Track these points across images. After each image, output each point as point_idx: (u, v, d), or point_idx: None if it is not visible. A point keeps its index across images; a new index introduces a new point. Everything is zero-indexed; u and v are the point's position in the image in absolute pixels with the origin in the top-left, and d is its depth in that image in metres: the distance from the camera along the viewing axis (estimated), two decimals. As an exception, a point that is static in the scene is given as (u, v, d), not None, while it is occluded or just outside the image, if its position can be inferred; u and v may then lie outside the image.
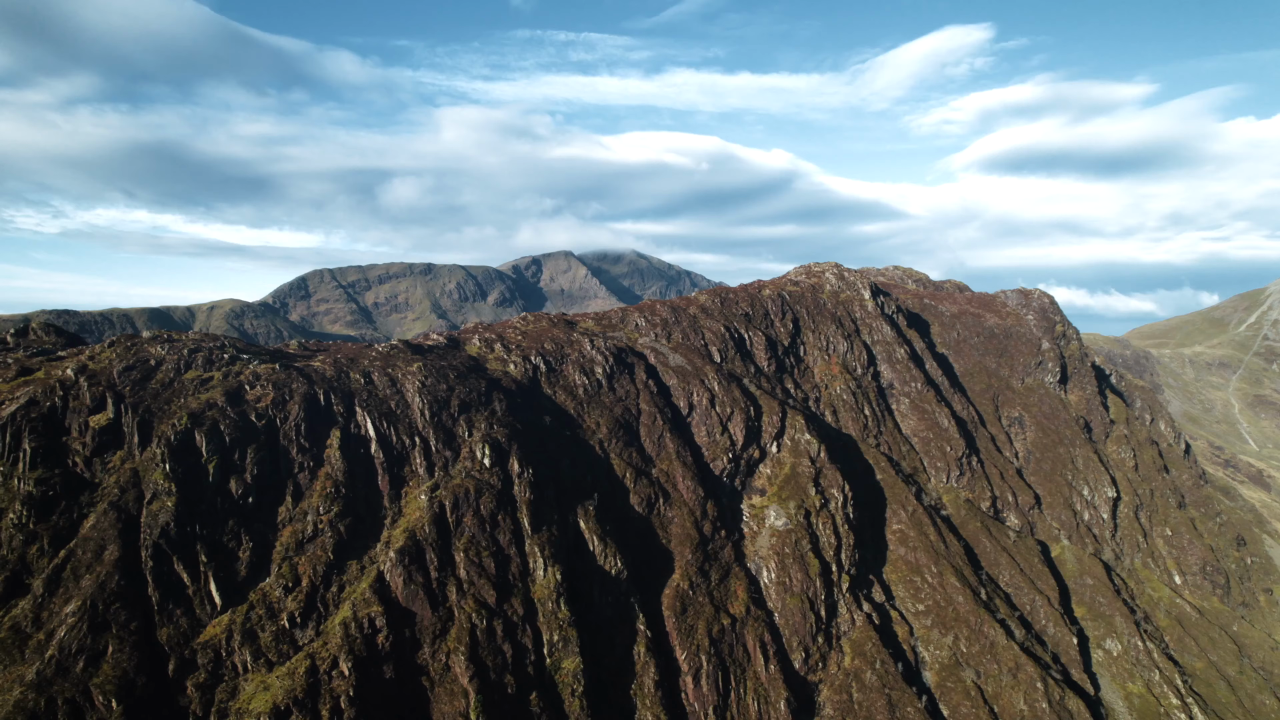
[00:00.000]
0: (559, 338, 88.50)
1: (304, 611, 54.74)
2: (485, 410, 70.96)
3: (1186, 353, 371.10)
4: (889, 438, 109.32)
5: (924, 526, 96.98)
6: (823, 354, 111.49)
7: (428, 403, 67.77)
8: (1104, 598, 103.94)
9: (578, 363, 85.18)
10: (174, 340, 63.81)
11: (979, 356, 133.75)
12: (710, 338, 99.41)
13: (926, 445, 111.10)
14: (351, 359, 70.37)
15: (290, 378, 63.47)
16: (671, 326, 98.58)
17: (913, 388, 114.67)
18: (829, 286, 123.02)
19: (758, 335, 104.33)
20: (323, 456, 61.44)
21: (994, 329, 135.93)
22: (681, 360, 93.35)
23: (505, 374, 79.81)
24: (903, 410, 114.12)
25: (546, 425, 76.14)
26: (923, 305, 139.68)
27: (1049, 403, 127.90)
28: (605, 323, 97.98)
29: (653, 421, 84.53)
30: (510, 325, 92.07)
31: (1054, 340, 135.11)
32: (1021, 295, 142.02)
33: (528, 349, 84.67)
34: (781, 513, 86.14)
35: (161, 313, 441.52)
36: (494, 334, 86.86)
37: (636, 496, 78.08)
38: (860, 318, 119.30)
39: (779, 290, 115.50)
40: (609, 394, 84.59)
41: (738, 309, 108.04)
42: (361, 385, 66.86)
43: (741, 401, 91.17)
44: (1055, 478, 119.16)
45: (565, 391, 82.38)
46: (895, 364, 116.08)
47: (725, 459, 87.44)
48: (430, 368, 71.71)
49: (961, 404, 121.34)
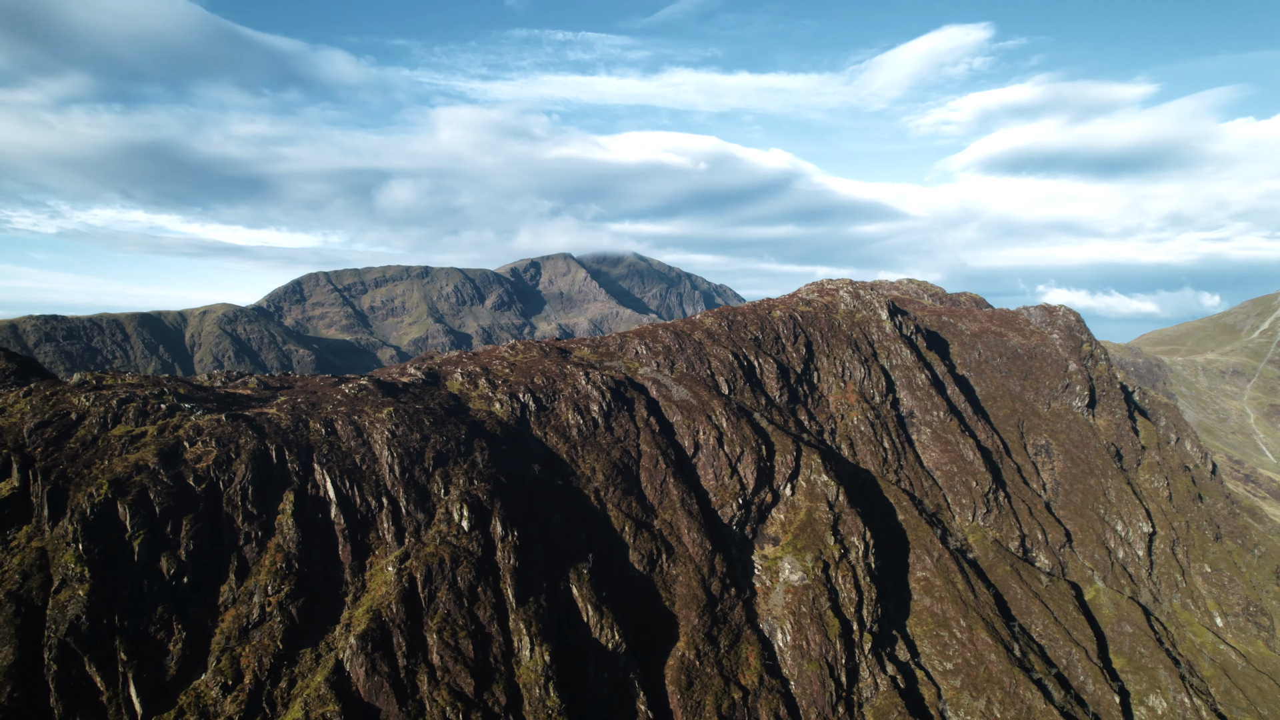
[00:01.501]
0: (550, 370, 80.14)
1: (245, 715, 46.38)
2: (465, 462, 62.58)
3: (1199, 360, 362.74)
4: (910, 472, 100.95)
5: (951, 574, 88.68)
6: (838, 380, 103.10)
7: (398, 456, 59.39)
8: (1145, 647, 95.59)
9: (571, 399, 76.81)
10: (102, 388, 55.40)
11: (1002, 379, 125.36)
12: (717, 366, 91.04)
13: (950, 480, 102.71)
14: (313, 404, 61.98)
15: (238, 431, 55.08)
16: (675, 354, 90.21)
17: (935, 416, 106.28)
18: (843, 306, 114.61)
19: (768, 362, 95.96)
20: (274, 524, 53.08)
21: (1017, 349, 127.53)
22: (686, 393, 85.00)
23: (490, 415, 71.41)
24: (924, 441, 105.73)
25: (535, 475, 67.76)
26: (941, 323, 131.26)
27: (1078, 429, 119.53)
28: (602, 350, 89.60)
29: (655, 465, 76.17)
30: (497, 355, 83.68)
31: (1081, 361, 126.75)
32: (1045, 312, 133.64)
33: (515, 384, 76.29)
34: (797, 565, 77.79)
35: (152, 318, 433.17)
36: (478, 366, 78.49)
37: (637, 553, 69.72)
38: (877, 340, 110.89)
39: (790, 311, 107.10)
40: (606, 435, 76.22)
41: (746, 333, 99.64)
42: (322, 437, 58.48)
43: (752, 439, 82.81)
44: (1086, 512, 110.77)
45: (557, 433, 74.00)
46: (915, 390, 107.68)
47: (735, 505, 79.10)
48: (403, 413, 63.33)
49: (985, 432, 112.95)
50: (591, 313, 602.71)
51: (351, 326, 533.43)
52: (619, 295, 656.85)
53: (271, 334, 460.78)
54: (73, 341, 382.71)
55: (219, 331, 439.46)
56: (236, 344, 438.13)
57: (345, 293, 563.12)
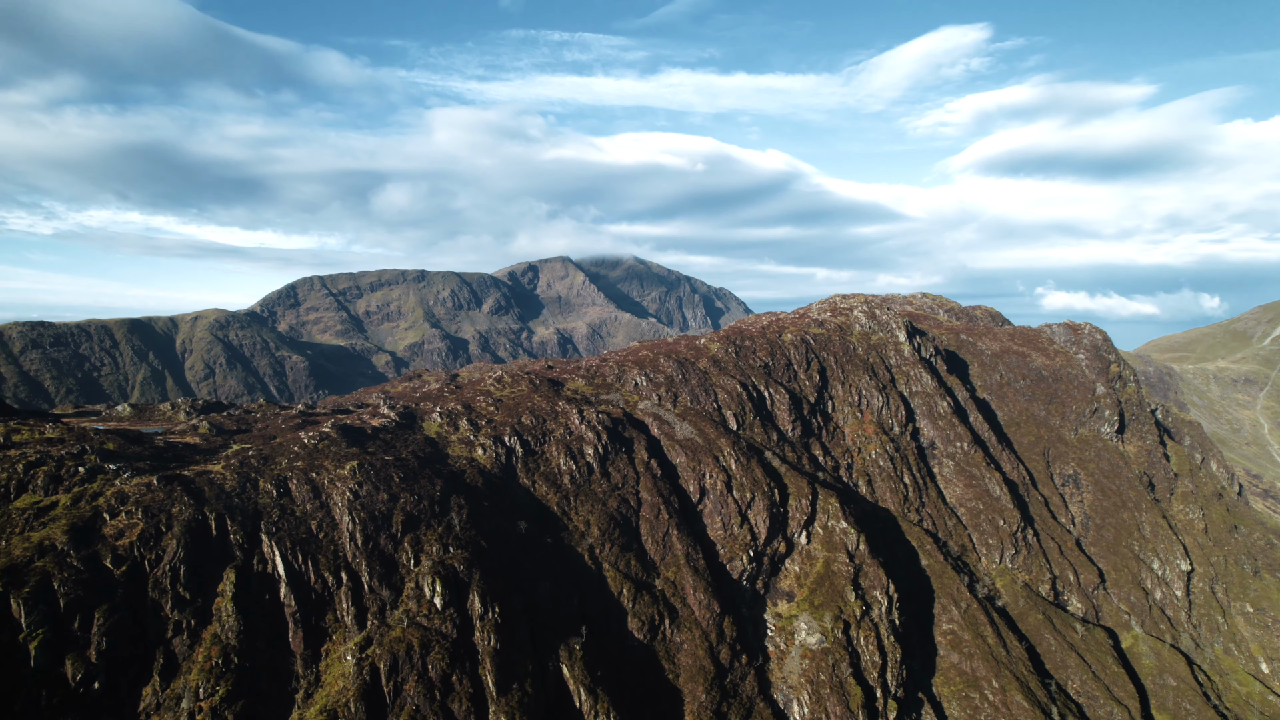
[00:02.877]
0: (540, 408, 72.22)
1: None
2: (439, 524, 54.67)
3: (1209, 369, 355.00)
4: (932, 510, 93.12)
5: (980, 626, 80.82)
6: (854, 410, 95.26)
7: (361, 522, 51.47)
8: (1190, 703, 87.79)
9: (563, 442, 68.89)
10: (10, 446, 47.43)
11: (1025, 403, 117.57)
12: (724, 399, 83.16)
13: (975, 518, 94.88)
14: (266, 458, 54.03)
15: (171, 497, 47.16)
16: (678, 385, 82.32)
17: (958, 448, 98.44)
18: (858, 327, 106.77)
19: (779, 392, 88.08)
20: (210, 610, 45.14)
21: (1041, 370, 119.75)
22: (690, 430, 77.12)
23: (471, 463, 63.49)
24: (946, 475, 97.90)
25: (521, 534, 59.85)
26: (959, 342, 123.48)
27: (1108, 457, 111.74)
28: (598, 381, 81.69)
29: (656, 515, 68.27)
30: (481, 389, 75.74)
31: (1109, 383, 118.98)
32: (1070, 331, 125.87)
33: (500, 425, 68.37)
34: (815, 626, 69.90)
35: (142, 324, 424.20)
36: (459, 404, 70.55)
37: (636, 619, 61.82)
38: (895, 364, 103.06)
39: (802, 333, 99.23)
40: (602, 482, 68.32)
41: (755, 359, 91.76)
42: (273, 500, 50.56)
43: (764, 482, 74.95)
44: (1120, 549, 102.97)
45: (547, 481, 66.09)
46: (937, 419, 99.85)
47: (745, 557, 71.22)
48: (369, 467, 55.42)
49: (1010, 463, 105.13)
50: (590, 317, 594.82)
51: (346, 331, 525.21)
52: (618, 299, 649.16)
53: (264, 340, 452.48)
54: (60, 349, 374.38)
55: (210, 338, 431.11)
56: (228, 350, 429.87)
57: (340, 297, 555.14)
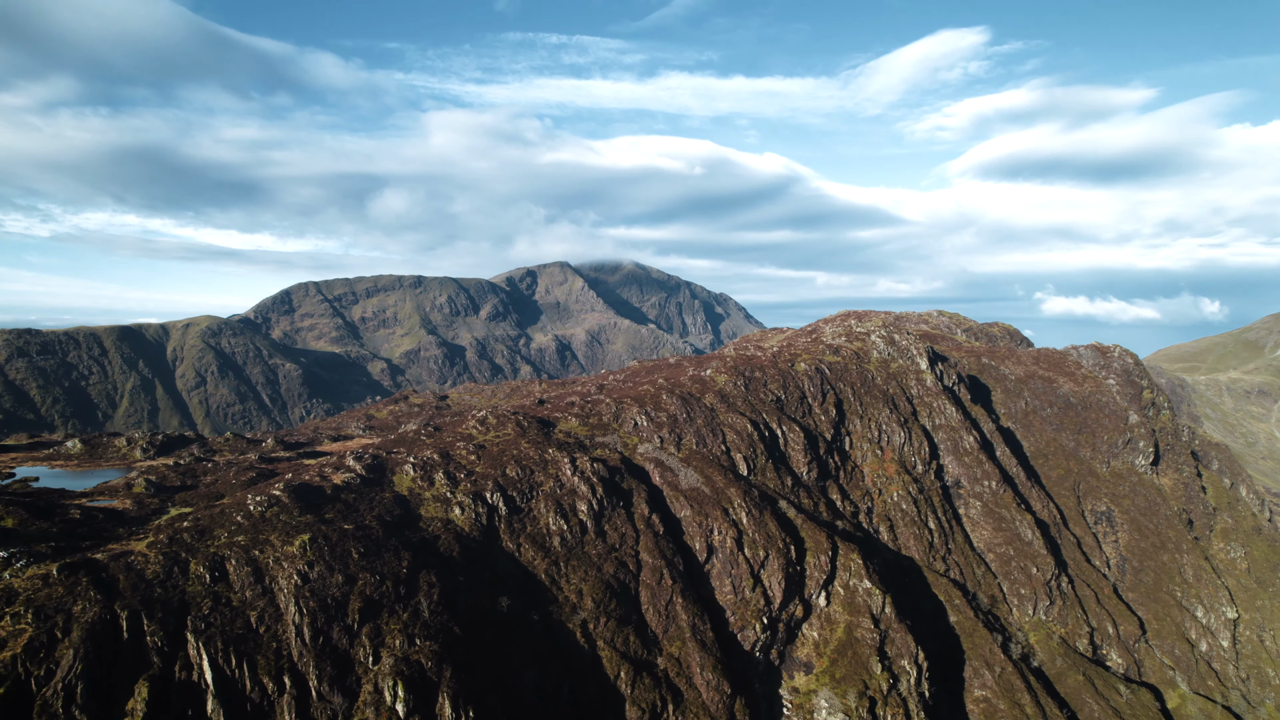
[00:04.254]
0: (528, 456, 64.19)
1: None
2: (405, 609, 46.65)
3: (1222, 379, 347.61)
4: (959, 556, 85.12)
5: (1016, 692, 72.76)
6: (874, 447, 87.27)
7: (311, 611, 43.45)
8: (1245, 774, 79.84)
9: (553, 497, 60.87)
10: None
11: (1053, 432, 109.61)
12: (733, 439, 75.17)
13: (1006, 565, 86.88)
14: (201, 531, 45.99)
15: (74, 592, 39.14)
16: (682, 425, 74.32)
17: (985, 487, 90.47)
18: (876, 354, 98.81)
19: (793, 430, 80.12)
20: (117, 734, 37.10)
21: (1069, 397, 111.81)
22: (696, 478, 69.12)
23: (446, 526, 55.47)
24: (973, 517, 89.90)
25: (503, 612, 51.84)
26: (981, 366, 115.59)
27: (1144, 493, 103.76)
28: (594, 421, 73.65)
29: (658, 580, 60.25)
30: (462, 433, 67.71)
31: (1142, 411, 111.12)
32: (1098, 354, 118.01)
33: (482, 478, 60.34)
34: (836, 705, 61.85)
35: (132, 331, 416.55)
36: (437, 452, 62.50)
37: (636, 708, 53.76)
38: (917, 395, 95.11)
39: (816, 361, 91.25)
40: (597, 543, 60.29)
41: (766, 392, 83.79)
42: (205, 587, 42.53)
43: (778, 537, 66.95)
44: (1160, 595, 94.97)
45: (534, 544, 58.06)
46: (963, 455, 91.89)
47: (758, 625, 63.18)
48: (324, 541, 47.39)
49: (1040, 501, 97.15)
50: (589, 323, 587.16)
51: (341, 338, 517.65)
52: (617, 305, 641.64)
53: (257, 347, 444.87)
54: (47, 356, 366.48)
55: (202, 345, 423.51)
56: (220, 358, 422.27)
57: (335, 303, 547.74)
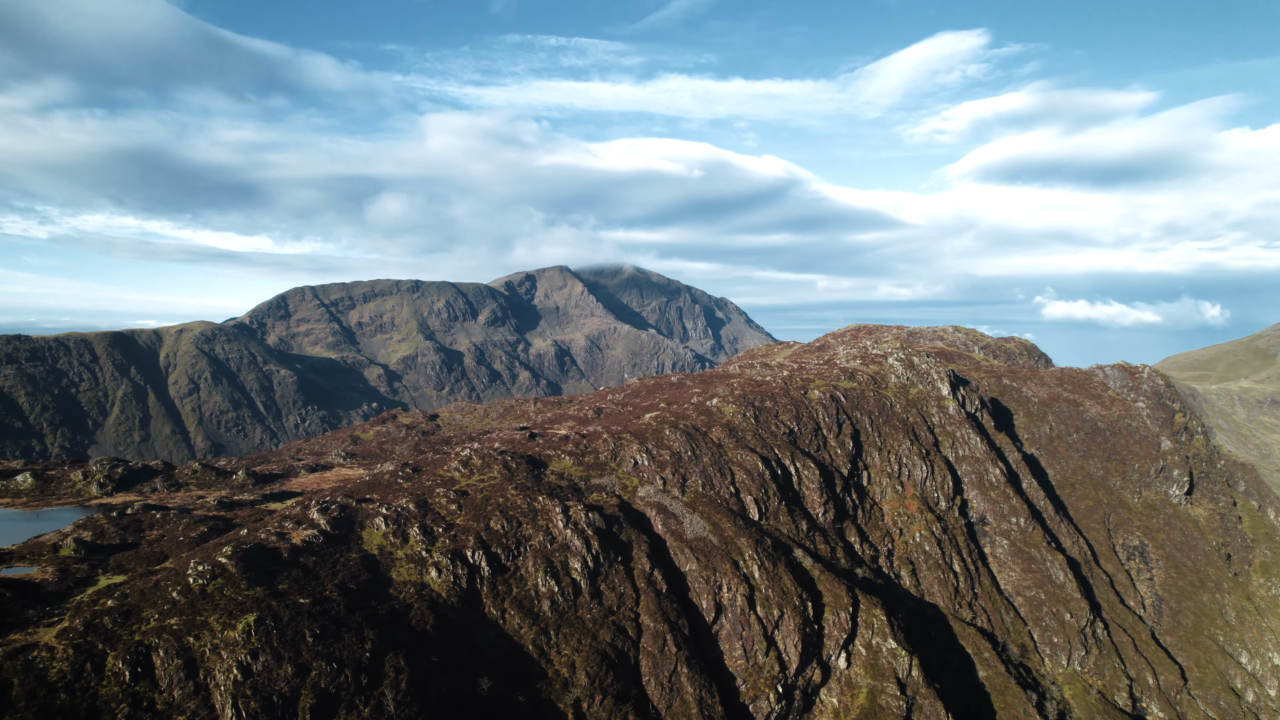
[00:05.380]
0: (515, 505, 57.56)
1: None
2: (368, 701, 40.00)
3: (1233, 389, 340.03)
4: (986, 601, 78.47)
5: (1055, 759, 66.11)
6: (894, 482, 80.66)
7: (251, 713, 36.79)
8: (1301, 843, 73.12)
9: (543, 553, 54.24)
10: None
11: (1080, 460, 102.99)
12: (743, 479, 68.52)
13: (1037, 610, 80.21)
14: (127, 612, 39.35)
15: (-39, 704, 32.46)
16: (687, 464, 67.67)
17: (1013, 524, 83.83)
18: (894, 378, 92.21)
19: (808, 467, 73.49)
20: None
21: (1097, 422, 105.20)
22: (703, 525, 62.50)
23: (421, 591, 48.83)
24: (1000, 556, 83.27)
25: (484, 696, 45.19)
26: (1002, 388, 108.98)
27: (1179, 526, 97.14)
28: (589, 459, 66.99)
29: (660, 647, 53.61)
30: (442, 476, 61.04)
31: (1174, 436, 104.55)
32: (1125, 374, 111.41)
33: (463, 534, 53.71)
34: (862, 786, 55.21)
35: (124, 337, 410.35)
36: (412, 501, 55.83)
37: (635, 803, 47.12)
38: (939, 423, 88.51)
39: (831, 387, 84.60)
40: (592, 605, 53.66)
41: (778, 424, 77.14)
42: (122, 689, 35.89)
43: (794, 593, 60.32)
44: (1201, 640, 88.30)
45: (521, 610, 51.42)
46: (988, 489, 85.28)
47: (771, 695, 56.52)
48: (275, 620, 40.75)
49: (1070, 536, 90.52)
50: (588, 328, 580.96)
51: (338, 344, 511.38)
52: (616, 309, 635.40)
53: (252, 353, 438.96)
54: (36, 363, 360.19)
55: (195, 351, 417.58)
56: (214, 365, 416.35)
57: (332, 308, 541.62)
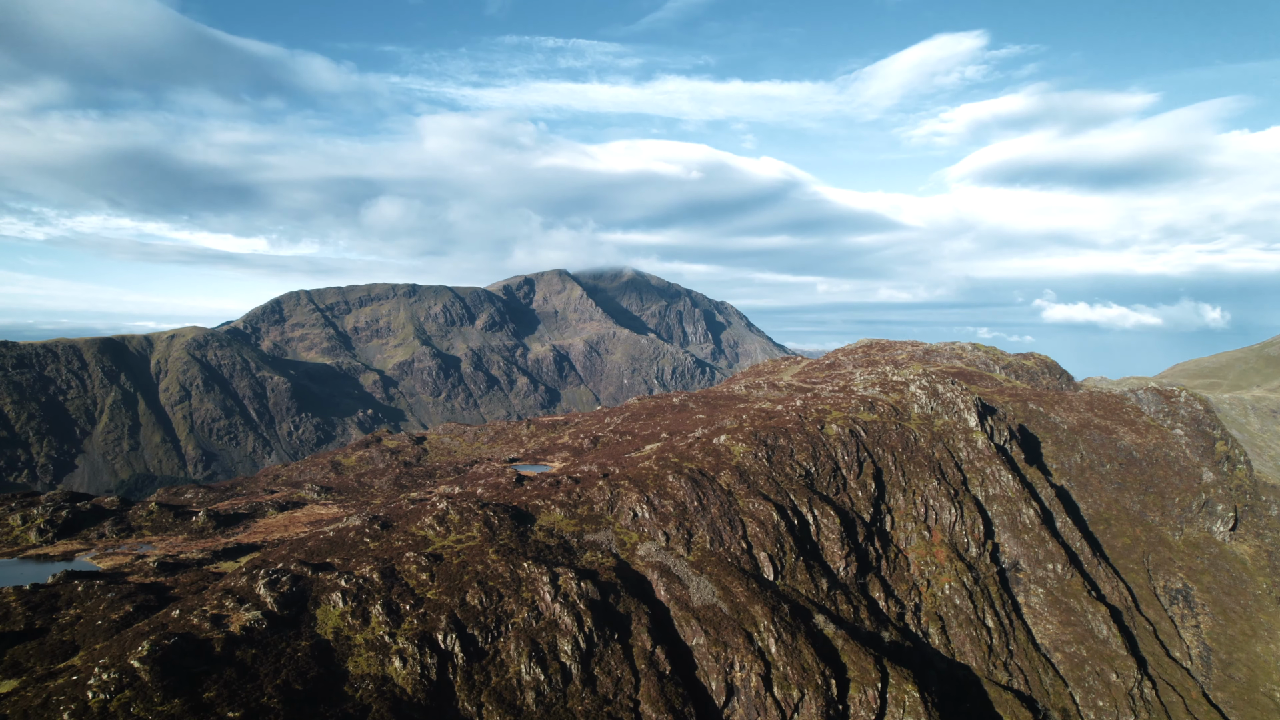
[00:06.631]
0: (496, 573, 49.93)
1: None
2: None
3: (1246, 398, 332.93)
4: (1023, 660, 70.87)
5: None
6: (920, 526, 73.10)
7: None
8: None
9: (527, 633, 46.62)
10: None
11: (1114, 492, 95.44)
12: (755, 532, 60.91)
13: (1078, 669, 72.58)
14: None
15: None
16: (692, 517, 60.06)
17: (1049, 571, 76.26)
18: (917, 407, 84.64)
19: (827, 515, 65.86)
20: None
21: (1132, 451, 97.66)
22: (711, 590, 54.91)
23: (382, 688, 41.19)
24: (1036, 607, 75.68)
25: (452, 824, 37.55)
26: (1028, 413, 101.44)
27: (1226, 567, 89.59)
28: (583, 511, 59.35)
29: (664, 744, 45.99)
30: (414, 535, 53.36)
31: (1216, 466, 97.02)
32: (1161, 398, 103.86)
33: (434, 612, 46.09)
34: None
35: (114, 343, 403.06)
36: (376, 569, 48.21)
37: None
38: (967, 459, 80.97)
39: (849, 421, 77.02)
40: (584, 694, 46.03)
41: (793, 465, 69.51)
42: None
43: (815, 669, 52.71)
44: (1256, 697, 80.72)
45: (501, 704, 43.78)
46: (1021, 532, 77.72)
47: (793, 794, 48.92)
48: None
49: (1108, 580, 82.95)
50: (587, 333, 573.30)
51: (333, 349, 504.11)
52: (616, 313, 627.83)
53: (245, 359, 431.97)
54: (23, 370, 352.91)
55: (187, 357, 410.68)
56: (206, 371, 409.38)
57: (327, 312, 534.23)
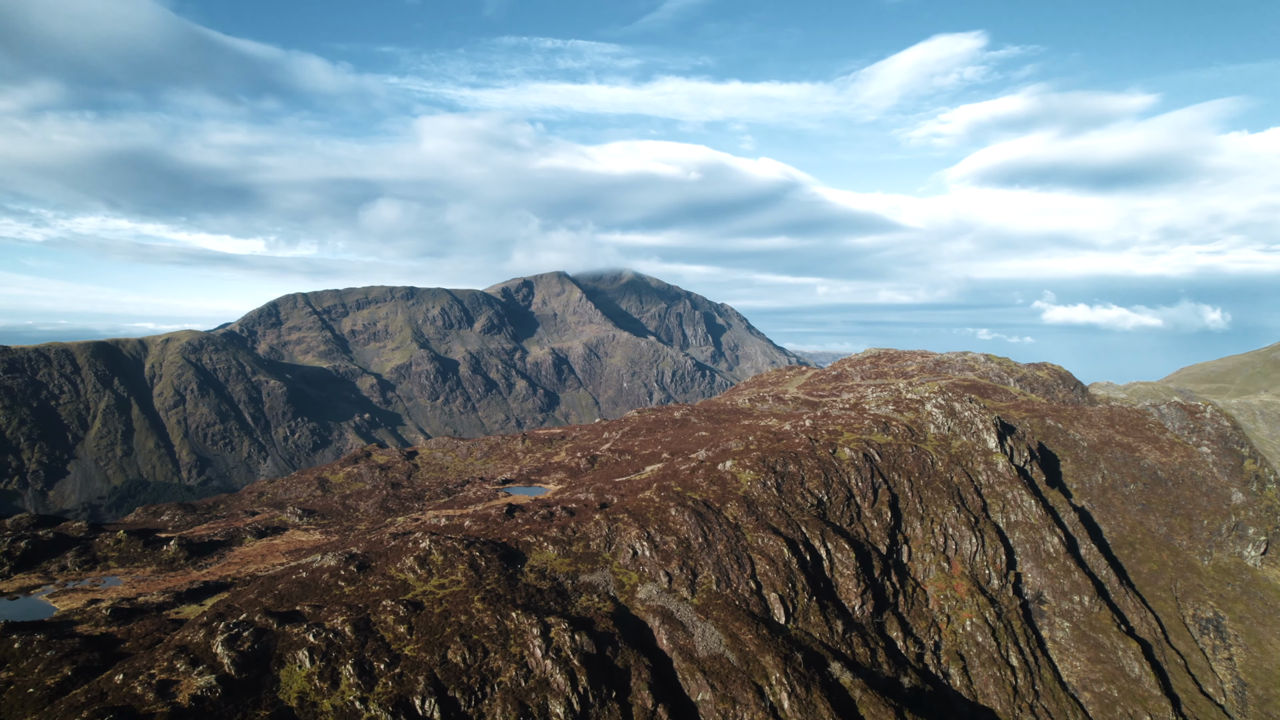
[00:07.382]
0: (481, 625, 45.24)
1: None
2: None
3: (1254, 403, 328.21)
4: (1049, 702, 66.18)
5: None
6: (938, 557, 68.43)
7: None
8: None
9: (515, 693, 41.95)
10: None
11: (1138, 514, 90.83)
12: (765, 570, 56.25)
13: (1109, 710, 67.87)
14: None
15: None
16: (697, 554, 55.41)
17: (1075, 603, 71.59)
18: (933, 427, 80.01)
19: (841, 548, 61.19)
20: None
21: (1156, 470, 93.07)
22: (718, 638, 50.26)
23: (348, 767, 36.47)
24: (1061, 642, 71.01)
25: None
26: (1046, 429, 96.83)
27: (1259, 594, 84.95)
28: (578, 548, 54.68)
29: (667, 819, 41.34)
30: (393, 577, 48.66)
31: (1245, 486, 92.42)
32: (1186, 414, 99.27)
33: (411, 671, 41.40)
34: None
35: (108, 346, 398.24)
36: (350, 620, 43.51)
37: None
38: (986, 483, 76.34)
39: (863, 443, 72.38)
40: (578, 765, 41.35)
41: (805, 494, 64.83)
42: None
43: (832, 726, 48.00)
44: (1292, 735, 76.09)
45: (484, 779, 39.10)
46: (1045, 561, 73.06)
47: None
48: None
49: (1136, 610, 78.29)
50: (586, 335, 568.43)
51: (330, 352, 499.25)
52: (615, 316, 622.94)
53: (240, 363, 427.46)
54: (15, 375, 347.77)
55: (182, 362, 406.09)
56: (201, 375, 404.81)
57: (324, 315, 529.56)
